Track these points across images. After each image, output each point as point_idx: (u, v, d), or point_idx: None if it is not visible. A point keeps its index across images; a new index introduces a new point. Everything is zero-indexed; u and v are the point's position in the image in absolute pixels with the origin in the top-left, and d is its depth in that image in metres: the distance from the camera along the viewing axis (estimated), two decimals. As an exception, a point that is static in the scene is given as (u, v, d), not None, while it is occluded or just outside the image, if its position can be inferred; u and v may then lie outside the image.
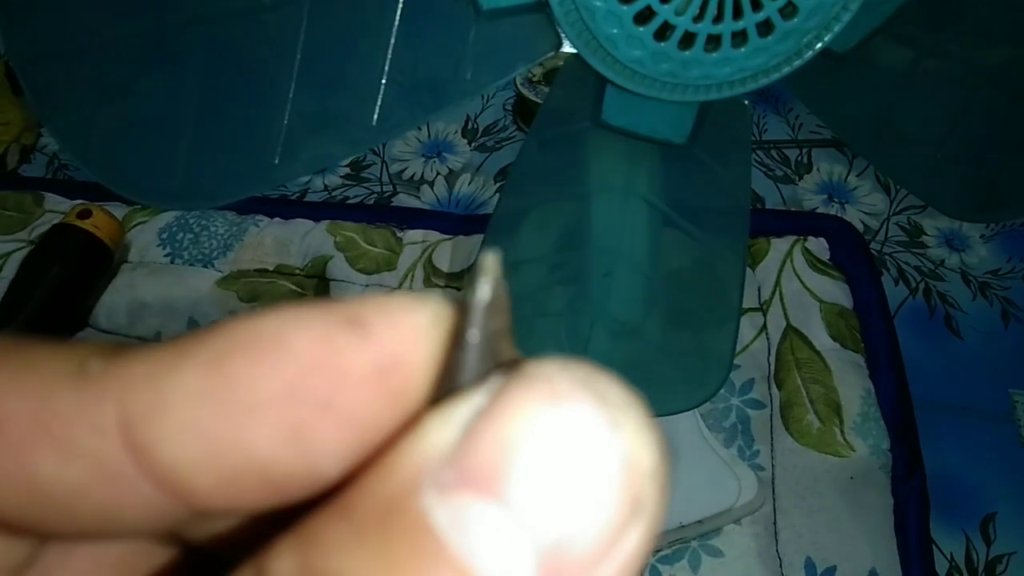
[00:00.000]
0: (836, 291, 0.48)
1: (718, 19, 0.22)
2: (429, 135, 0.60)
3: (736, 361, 0.46)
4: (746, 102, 0.25)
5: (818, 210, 0.55)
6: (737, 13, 0.22)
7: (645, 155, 0.27)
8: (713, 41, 0.22)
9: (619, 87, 0.23)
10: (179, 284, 0.49)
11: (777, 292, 0.49)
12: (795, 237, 0.51)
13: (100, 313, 0.48)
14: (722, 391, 0.45)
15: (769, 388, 0.45)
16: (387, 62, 0.23)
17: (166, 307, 0.48)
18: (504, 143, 0.59)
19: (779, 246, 0.51)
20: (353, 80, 0.24)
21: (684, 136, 0.26)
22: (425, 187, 0.57)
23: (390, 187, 0.57)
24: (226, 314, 0.48)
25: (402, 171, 0.58)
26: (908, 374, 0.46)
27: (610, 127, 0.26)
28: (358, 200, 0.56)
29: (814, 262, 0.50)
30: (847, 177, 0.57)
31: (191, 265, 0.50)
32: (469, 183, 0.58)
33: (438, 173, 0.58)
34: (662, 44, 0.22)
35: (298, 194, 0.55)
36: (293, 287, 0.49)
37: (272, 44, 0.24)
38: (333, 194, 0.56)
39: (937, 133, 0.28)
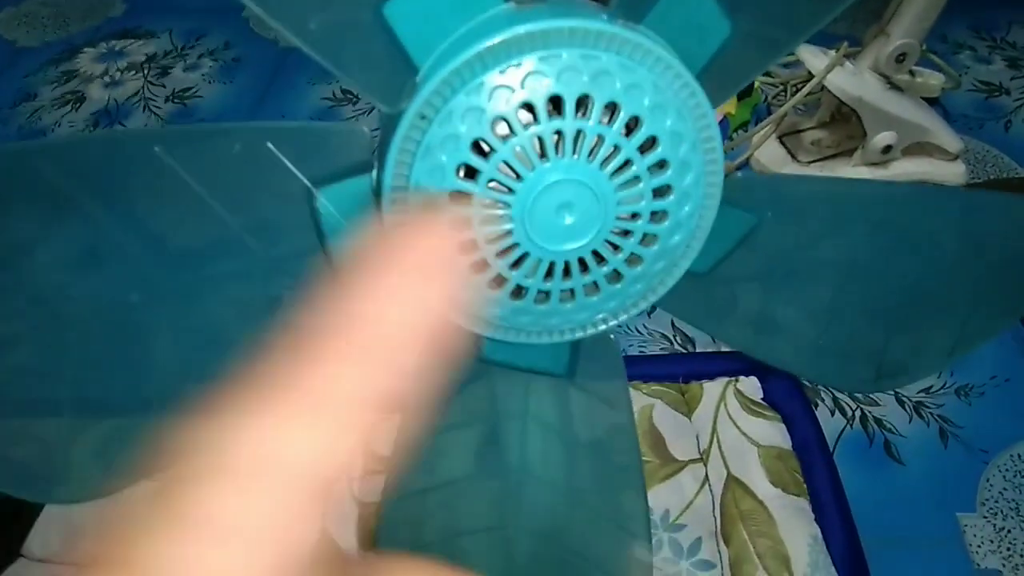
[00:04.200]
0: (773, 433, 0.49)
1: (567, 276, 0.22)
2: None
3: (681, 520, 0.46)
4: (611, 336, 0.26)
5: (748, 345, 0.56)
6: (584, 268, 0.22)
7: (536, 384, 0.27)
8: (568, 291, 0.23)
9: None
10: (113, 502, 0.48)
11: (715, 440, 0.49)
12: (727, 379, 0.52)
13: (33, 542, 0.47)
14: (670, 554, 0.44)
15: (717, 545, 0.45)
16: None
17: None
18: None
19: (712, 390, 0.51)
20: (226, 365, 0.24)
21: (563, 367, 0.26)
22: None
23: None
24: (162, 529, 0.47)
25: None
26: (854, 509, 0.46)
27: (494, 362, 0.27)
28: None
29: (748, 404, 0.50)
30: (773, 307, 0.58)
31: (125, 479, 0.49)
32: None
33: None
34: (519, 302, 0.23)
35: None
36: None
37: (143, 331, 0.24)
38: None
39: (815, 323, 0.29)
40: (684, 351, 0.56)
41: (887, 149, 0.63)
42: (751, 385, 0.51)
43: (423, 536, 0.31)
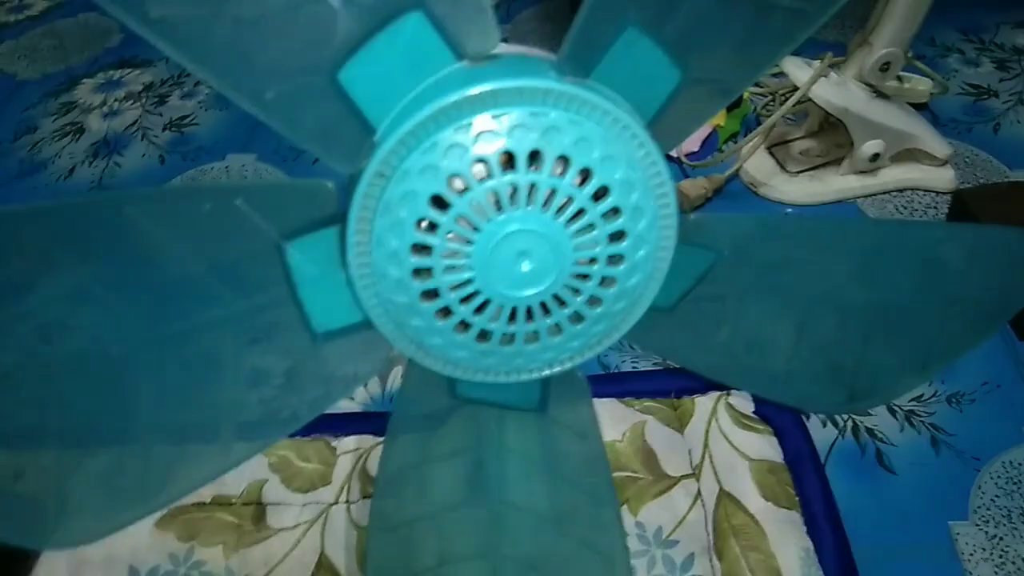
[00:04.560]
0: (764, 446, 0.49)
1: (529, 320, 0.23)
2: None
3: (674, 536, 0.46)
4: (578, 374, 0.26)
5: (740, 357, 0.57)
6: (546, 311, 0.23)
7: (510, 418, 0.28)
8: (532, 333, 0.24)
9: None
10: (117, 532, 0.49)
11: (707, 455, 0.49)
12: (718, 393, 0.52)
13: (40, 572, 0.48)
14: (664, 571, 0.45)
15: (711, 560, 0.45)
16: (236, 398, 0.24)
17: (107, 558, 0.48)
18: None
19: (703, 404, 0.52)
20: (204, 418, 0.25)
21: (534, 402, 0.27)
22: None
23: (324, 392, 0.58)
24: (166, 558, 0.48)
25: (335, 373, 0.59)
26: (846, 520, 0.47)
27: (469, 400, 0.28)
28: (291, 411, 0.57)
29: (739, 418, 0.51)
30: (764, 319, 0.59)
31: (129, 509, 0.50)
32: (402, 375, 0.59)
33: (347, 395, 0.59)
34: (485, 345, 0.24)
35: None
36: (230, 518, 0.49)
37: (127, 381, 0.25)
38: (268, 408, 0.57)
39: (783, 349, 0.29)
40: (676, 366, 0.56)
41: (875, 157, 0.63)
42: (743, 399, 0.52)
43: (410, 567, 0.32)
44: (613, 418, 0.51)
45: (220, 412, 0.26)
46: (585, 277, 0.23)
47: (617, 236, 0.22)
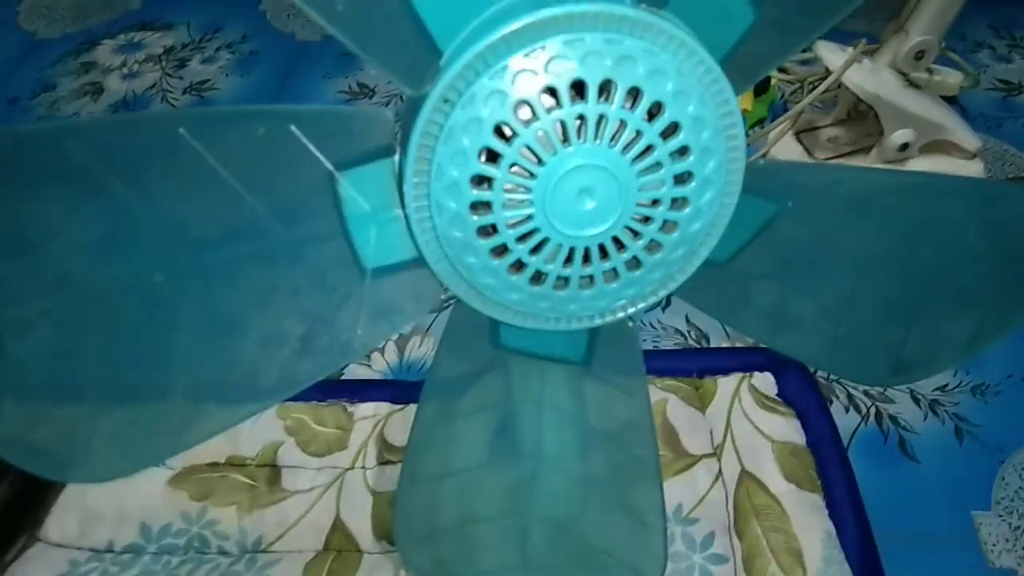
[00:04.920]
0: (787, 429, 0.49)
1: (586, 262, 0.23)
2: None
3: (695, 514, 0.46)
4: (630, 326, 0.26)
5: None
6: (604, 254, 0.23)
7: (552, 372, 0.27)
8: (587, 278, 0.23)
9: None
10: (130, 488, 0.48)
11: (729, 435, 0.49)
12: (741, 374, 0.52)
13: (51, 526, 0.47)
14: (683, 548, 0.45)
15: (731, 539, 0.45)
16: (281, 332, 0.24)
17: (118, 514, 0.48)
18: (451, 301, 0.60)
19: (726, 385, 0.51)
20: (244, 351, 0.24)
21: (580, 354, 0.26)
22: (375, 354, 0.57)
23: (340, 359, 0.57)
24: (178, 516, 0.47)
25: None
26: (868, 506, 0.46)
27: (511, 349, 0.27)
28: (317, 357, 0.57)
29: (762, 400, 0.50)
30: (788, 304, 0.58)
31: (141, 466, 0.49)
32: (419, 345, 0.58)
33: (388, 338, 0.58)
34: (538, 288, 0.23)
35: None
36: (245, 479, 0.48)
37: (165, 314, 0.25)
38: (284, 372, 0.56)
39: (832, 315, 0.29)
40: (698, 346, 0.56)
41: (904, 147, 0.62)
42: (765, 381, 0.51)
43: (438, 523, 0.31)
44: (634, 395, 0.51)
45: (260, 353, 0.25)
46: (647, 220, 0.22)
47: (683, 177, 0.22)
